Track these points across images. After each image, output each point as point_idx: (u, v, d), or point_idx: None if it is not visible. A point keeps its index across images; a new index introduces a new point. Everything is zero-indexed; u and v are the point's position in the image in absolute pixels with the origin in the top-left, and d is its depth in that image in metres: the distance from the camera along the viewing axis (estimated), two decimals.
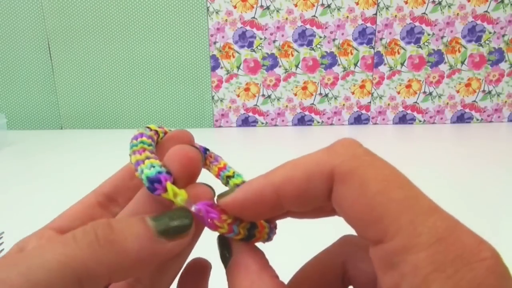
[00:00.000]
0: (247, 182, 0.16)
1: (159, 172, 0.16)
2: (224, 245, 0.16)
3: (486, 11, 1.23)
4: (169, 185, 0.15)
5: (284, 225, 0.20)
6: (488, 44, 1.26)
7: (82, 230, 0.13)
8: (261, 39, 1.26)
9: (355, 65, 1.28)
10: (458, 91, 1.31)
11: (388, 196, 0.12)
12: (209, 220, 0.15)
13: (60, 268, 0.12)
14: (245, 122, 1.34)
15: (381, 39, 1.26)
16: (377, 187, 0.12)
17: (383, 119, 1.34)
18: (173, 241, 0.15)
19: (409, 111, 1.33)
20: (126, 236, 0.14)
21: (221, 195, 0.16)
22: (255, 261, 0.15)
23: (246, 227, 0.16)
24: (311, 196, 0.14)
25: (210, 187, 0.17)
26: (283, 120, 1.34)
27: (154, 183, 0.15)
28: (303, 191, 0.14)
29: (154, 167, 0.16)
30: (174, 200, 0.15)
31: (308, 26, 1.25)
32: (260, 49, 1.27)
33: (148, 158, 0.17)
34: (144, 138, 0.19)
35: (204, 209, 0.15)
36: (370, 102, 1.32)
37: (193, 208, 0.15)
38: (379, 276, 0.12)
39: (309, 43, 1.26)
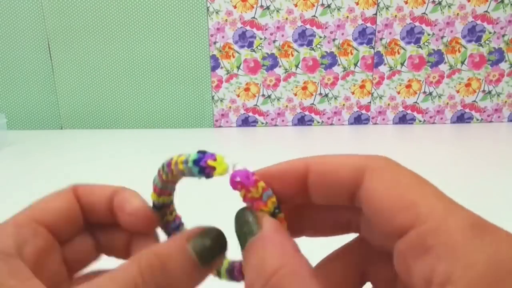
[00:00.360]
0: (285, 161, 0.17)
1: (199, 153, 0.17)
2: (253, 217, 0.15)
3: (486, 11, 1.23)
4: (218, 156, 0.17)
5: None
6: (488, 44, 1.26)
7: (140, 274, 0.14)
8: (261, 39, 1.26)
9: (355, 65, 1.28)
10: (458, 91, 1.31)
11: (419, 186, 0.13)
12: (246, 179, 0.16)
13: None
14: (245, 122, 1.34)
15: (381, 39, 1.26)
16: (407, 179, 0.13)
17: (383, 119, 1.34)
18: (214, 265, 0.16)
19: (409, 111, 1.33)
20: (180, 281, 0.15)
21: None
22: (290, 242, 0.14)
23: (274, 203, 0.16)
24: (339, 185, 0.15)
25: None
26: (283, 120, 1.34)
27: (201, 160, 0.17)
28: (333, 178, 0.15)
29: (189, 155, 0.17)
30: (220, 169, 0.16)
31: (308, 26, 1.25)
32: (260, 49, 1.27)
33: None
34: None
35: (244, 173, 0.16)
36: (370, 102, 1.32)
37: (232, 171, 0.17)
38: (410, 265, 0.12)
39: (309, 43, 1.26)
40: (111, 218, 0.19)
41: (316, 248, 0.19)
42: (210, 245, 0.16)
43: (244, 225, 0.15)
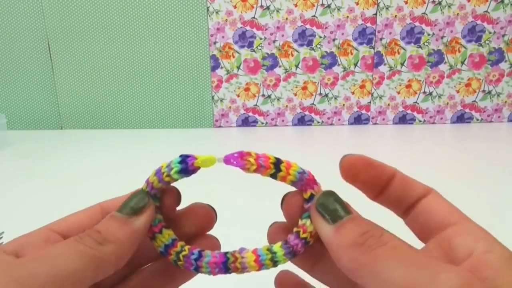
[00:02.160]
0: None
1: (180, 156, 0.19)
2: (341, 201, 0.18)
3: (486, 11, 1.23)
4: (198, 156, 0.19)
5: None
6: (488, 44, 1.26)
7: (79, 237, 0.17)
8: (261, 39, 1.26)
9: (355, 65, 1.28)
10: (458, 91, 1.31)
11: (456, 208, 0.19)
12: (241, 155, 0.18)
13: (82, 260, 0.16)
14: (245, 122, 1.34)
15: (381, 39, 1.26)
16: (451, 204, 0.19)
17: (383, 119, 1.34)
18: (142, 216, 0.18)
19: (409, 111, 1.33)
20: (111, 231, 0.17)
21: (349, 155, 0.21)
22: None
23: (272, 162, 0.19)
24: (412, 192, 0.19)
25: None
26: (283, 120, 1.34)
27: (186, 158, 0.19)
28: (411, 186, 0.20)
29: (171, 161, 0.19)
30: (207, 163, 0.19)
31: (308, 26, 1.25)
32: (260, 49, 1.27)
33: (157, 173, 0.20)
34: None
35: (232, 157, 0.18)
36: (370, 102, 1.32)
37: (222, 159, 0.19)
38: (455, 241, 0.17)
39: (309, 43, 1.26)
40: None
41: None
42: (131, 201, 0.19)
43: (340, 204, 0.18)
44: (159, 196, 0.20)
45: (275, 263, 0.19)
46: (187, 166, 0.19)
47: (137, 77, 1.29)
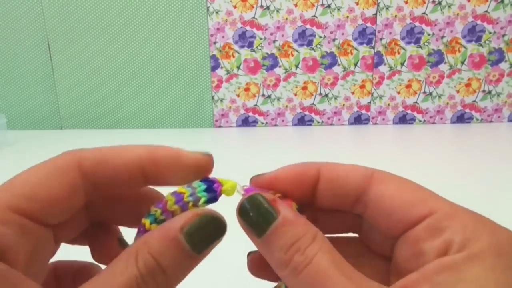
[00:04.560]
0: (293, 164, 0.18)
1: (205, 183, 0.17)
2: (268, 203, 0.16)
3: (486, 11, 1.23)
4: (220, 180, 0.17)
5: None
6: (488, 44, 1.26)
7: (143, 281, 0.14)
8: (261, 39, 1.26)
9: (355, 65, 1.28)
10: (458, 91, 1.31)
11: (421, 189, 0.16)
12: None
13: None
14: (245, 122, 1.34)
15: (381, 39, 1.26)
16: (410, 184, 0.16)
17: (383, 119, 1.34)
18: (209, 250, 0.16)
19: (409, 111, 1.33)
20: (177, 273, 0.15)
21: (257, 175, 0.18)
22: (309, 221, 0.16)
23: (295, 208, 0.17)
24: (347, 190, 0.16)
25: None
26: (283, 120, 1.34)
27: (212, 186, 0.17)
28: (343, 182, 0.17)
29: (196, 187, 0.17)
30: (230, 192, 0.17)
31: (308, 26, 1.25)
32: (260, 49, 1.27)
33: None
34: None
35: (252, 190, 0.17)
36: (370, 102, 1.32)
37: (242, 192, 0.17)
38: (424, 246, 0.15)
39: (309, 43, 1.26)
40: (135, 187, 0.17)
41: None
42: (205, 234, 0.15)
43: (262, 211, 0.15)
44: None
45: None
46: (216, 196, 0.17)
47: (137, 77, 1.29)
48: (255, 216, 0.15)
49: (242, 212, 0.16)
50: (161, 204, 0.17)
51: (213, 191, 0.17)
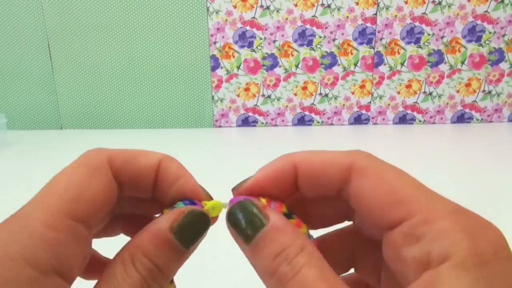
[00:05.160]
0: (268, 163, 0.17)
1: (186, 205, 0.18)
2: (257, 208, 0.15)
3: (486, 11, 1.23)
4: (203, 202, 0.18)
5: None
6: (488, 44, 1.26)
7: (147, 285, 0.15)
8: (261, 39, 1.26)
9: (355, 65, 1.28)
10: (458, 91, 1.31)
11: (404, 182, 0.14)
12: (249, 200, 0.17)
13: None
14: (245, 122, 1.34)
15: (381, 39, 1.26)
16: (393, 175, 0.15)
17: (383, 119, 1.34)
18: (197, 243, 0.16)
19: (409, 111, 1.33)
20: (173, 270, 0.16)
21: (238, 185, 0.18)
22: (298, 229, 0.16)
23: (284, 213, 0.17)
24: (327, 184, 0.16)
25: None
26: (283, 120, 1.34)
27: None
28: (321, 177, 0.16)
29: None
30: (215, 211, 0.18)
31: (308, 26, 1.25)
32: (260, 49, 1.27)
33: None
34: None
35: (238, 199, 0.17)
36: (370, 102, 1.32)
37: (228, 205, 0.17)
38: (402, 253, 0.14)
39: (309, 43, 1.26)
40: (152, 191, 0.18)
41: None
42: (192, 230, 0.16)
43: (251, 217, 0.15)
44: None
45: None
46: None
47: (137, 77, 1.29)
48: (243, 222, 0.15)
49: (231, 218, 0.16)
50: None
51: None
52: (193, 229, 0.16)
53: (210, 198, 0.18)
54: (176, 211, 0.16)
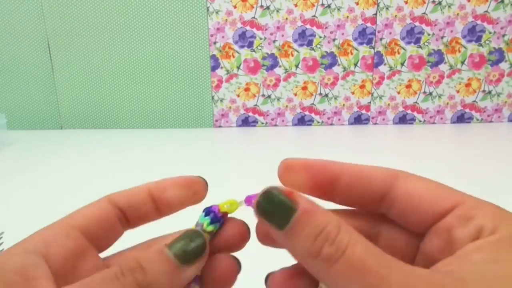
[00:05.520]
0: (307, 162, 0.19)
1: (207, 216, 0.19)
2: (284, 195, 0.16)
3: (486, 11, 1.23)
4: (220, 205, 0.19)
5: None
6: (488, 44, 1.26)
7: (121, 272, 0.15)
8: (261, 39, 1.26)
9: (355, 65, 1.28)
10: (458, 91, 1.31)
11: (443, 186, 0.17)
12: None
13: None
14: (245, 122, 1.34)
15: (381, 39, 1.26)
16: (432, 182, 0.17)
17: (383, 119, 1.34)
18: (193, 266, 0.17)
19: (409, 111, 1.33)
20: (157, 277, 0.16)
21: (290, 159, 0.19)
22: (327, 211, 0.16)
23: None
24: (372, 187, 0.17)
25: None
26: (283, 120, 1.34)
27: (215, 217, 0.19)
28: (367, 180, 0.17)
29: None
30: (231, 208, 0.19)
31: (308, 26, 1.25)
32: (260, 49, 1.27)
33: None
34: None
35: (253, 196, 0.18)
36: (370, 102, 1.32)
37: (243, 203, 0.18)
38: (455, 233, 0.15)
39: (309, 43, 1.26)
40: (157, 212, 0.20)
41: None
42: (188, 246, 0.17)
43: (280, 204, 0.15)
44: None
45: None
46: (221, 222, 0.19)
47: (137, 77, 1.29)
48: (273, 209, 0.15)
49: (260, 208, 0.16)
50: None
51: (217, 220, 0.19)
52: (187, 244, 0.17)
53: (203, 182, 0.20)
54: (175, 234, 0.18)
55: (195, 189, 0.19)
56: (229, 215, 0.19)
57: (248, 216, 0.18)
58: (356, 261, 0.14)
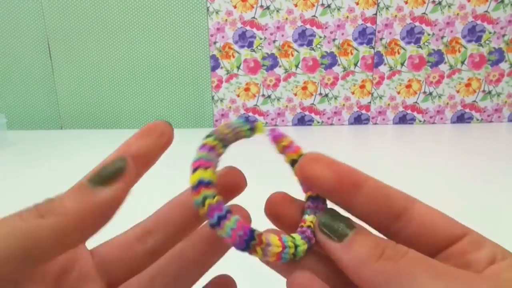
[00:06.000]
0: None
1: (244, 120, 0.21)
2: (343, 217, 0.17)
3: (486, 11, 1.23)
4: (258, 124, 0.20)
5: None
6: (488, 44, 1.26)
7: (26, 208, 0.14)
8: (261, 39, 1.26)
9: (355, 65, 1.28)
10: (458, 91, 1.31)
11: (446, 215, 0.18)
12: (278, 133, 0.20)
13: (4, 238, 0.13)
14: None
15: (381, 39, 1.26)
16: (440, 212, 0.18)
17: (383, 119, 1.34)
18: (109, 186, 0.15)
19: (409, 111, 1.33)
20: (64, 201, 0.14)
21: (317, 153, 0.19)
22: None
23: (301, 152, 0.20)
24: (391, 201, 0.18)
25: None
26: (283, 120, 1.34)
27: (250, 123, 0.20)
28: (389, 193, 0.18)
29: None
30: (261, 131, 0.21)
31: (308, 26, 1.25)
32: (260, 49, 1.27)
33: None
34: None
35: (278, 133, 0.21)
36: (370, 102, 1.32)
37: (268, 131, 0.20)
38: (469, 257, 0.16)
39: (309, 43, 1.26)
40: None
41: None
42: (105, 169, 0.16)
43: (344, 218, 0.18)
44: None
45: (294, 256, 0.18)
46: (252, 127, 0.21)
47: (137, 77, 1.29)
48: (335, 223, 0.17)
49: (326, 225, 0.18)
50: (216, 133, 0.20)
51: (251, 125, 0.20)
52: (105, 167, 0.16)
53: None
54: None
55: (158, 133, 0.18)
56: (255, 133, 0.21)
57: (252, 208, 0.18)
58: (421, 257, 0.15)
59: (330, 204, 0.19)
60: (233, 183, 0.20)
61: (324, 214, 0.18)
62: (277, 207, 0.19)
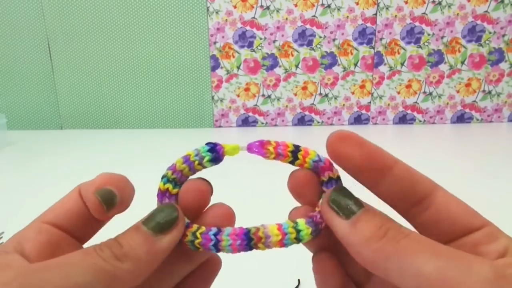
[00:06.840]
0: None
1: (208, 145, 0.20)
2: (353, 196, 0.18)
3: (486, 11, 1.23)
4: (224, 144, 0.20)
5: None
6: (488, 44, 1.26)
7: (99, 248, 0.16)
8: (261, 39, 1.26)
9: (355, 65, 1.28)
10: (458, 91, 1.31)
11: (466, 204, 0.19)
12: (262, 144, 0.19)
13: (95, 274, 0.15)
14: (245, 122, 1.34)
15: (381, 39, 1.26)
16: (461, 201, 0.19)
17: (383, 119, 1.34)
18: (168, 235, 0.17)
19: (409, 111, 1.33)
20: (133, 248, 0.17)
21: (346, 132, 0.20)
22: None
23: (290, 150, 0.20)
24: (417, 185, 0.18)
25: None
26: (283, 120, 1.34)
27: (215, 147, 0.19)
28: (416, 177, 0.18)
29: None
30: (233, 152, 0.19)
31: (308, 26, 1.25)
32: (260, 49, 1.27)
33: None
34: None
35: (255, 144, 0.19)
36: (370, 102, 1.32)
37: (246, 148, 0.19)
38: (482, 249, 0.17)
39: (309, 43, 1.26)
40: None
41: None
42: (162, 217, 0.18)
43: (351, 198, 0.18)
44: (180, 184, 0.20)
45: (299, 240, 0.18)
46: (218, 156, 0.19)
47: (137, 77, 1.29)
48: (344, 201, 0.18)
49: (335, 201, 0.18)
50: (172, 166, 0.19)
51: (216, 152, 0.19)
52: (160, 215, 0.18)
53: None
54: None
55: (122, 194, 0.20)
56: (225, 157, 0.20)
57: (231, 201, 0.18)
58: (422, 238, 0.16)
59: (347, 185, 0.19)
60: (197, 201, 0.20)
61: (335, 191, 0.19)
62: (297, 187, 0.20)
